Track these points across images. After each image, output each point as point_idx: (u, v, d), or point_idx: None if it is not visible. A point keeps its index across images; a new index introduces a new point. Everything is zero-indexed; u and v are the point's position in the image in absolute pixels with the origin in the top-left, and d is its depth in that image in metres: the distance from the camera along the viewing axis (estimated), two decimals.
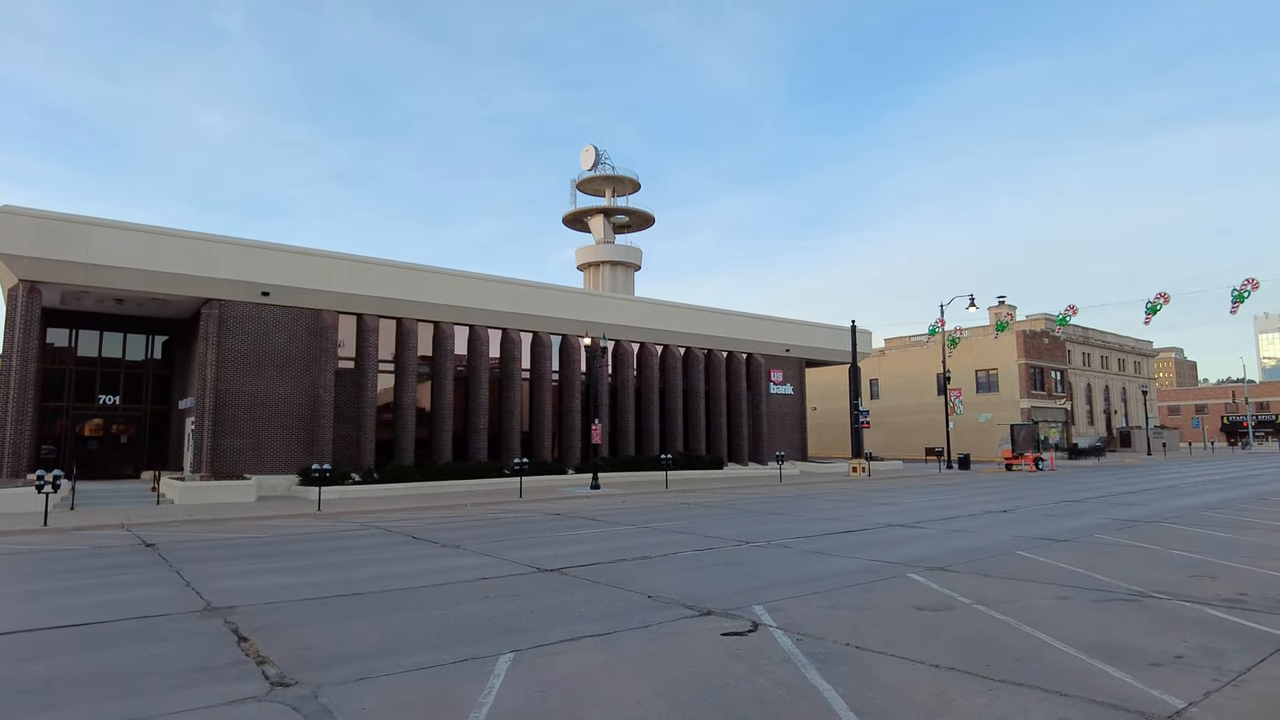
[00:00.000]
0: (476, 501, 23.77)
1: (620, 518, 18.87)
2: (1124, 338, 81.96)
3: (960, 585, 9.85)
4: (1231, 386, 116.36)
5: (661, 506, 22.20)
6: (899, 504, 22.22)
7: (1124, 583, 9.87)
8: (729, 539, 14.65)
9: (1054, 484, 30.59)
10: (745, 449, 40.69)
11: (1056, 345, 62.37)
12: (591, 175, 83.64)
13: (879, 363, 66.82)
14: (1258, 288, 26.09)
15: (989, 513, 19.26)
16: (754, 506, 21.77)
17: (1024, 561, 11.70)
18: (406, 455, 29.77)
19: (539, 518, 19.21)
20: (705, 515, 19.42)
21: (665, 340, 38.37)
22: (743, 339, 41.23)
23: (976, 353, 60.35)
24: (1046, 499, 23.25)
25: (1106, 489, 27.15)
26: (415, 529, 17.08)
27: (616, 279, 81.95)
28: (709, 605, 8.90)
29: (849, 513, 19.66)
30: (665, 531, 15.96)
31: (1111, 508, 20.19)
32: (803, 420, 44.39)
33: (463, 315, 31.53)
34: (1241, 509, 19.37)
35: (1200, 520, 16.91)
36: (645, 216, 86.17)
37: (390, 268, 29.70)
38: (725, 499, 24.73)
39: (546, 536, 15.47)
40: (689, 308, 40.05)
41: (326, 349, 28.43)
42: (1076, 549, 12.93)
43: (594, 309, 35.19)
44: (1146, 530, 15.34)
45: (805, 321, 44.71)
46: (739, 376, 41.20)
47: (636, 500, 24.72)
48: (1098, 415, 73.82)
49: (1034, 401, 57.56)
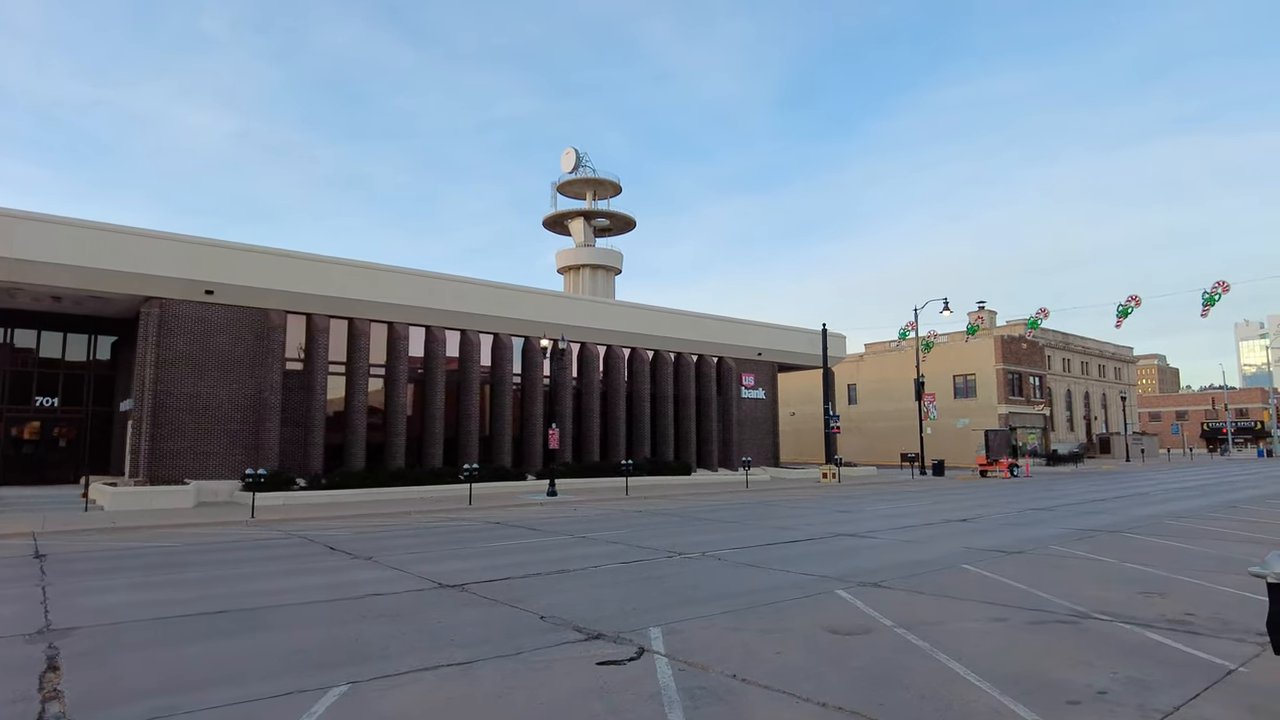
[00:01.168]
0: (423, 509, 22.78)
1: (562, 527, 17.95)
2: (1104, 343, 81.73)
3: (888, 604, 9.00)
4: (1212, 393, 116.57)
5: (612, 514, 21.29)
6: (859, 511, 21.40)
7: (1067, 601, 9.05)
8: (663, 550, 13.76)
9: (1025, 491, 29.88)
10: (715, 454, 39.82)
11: (1035, 350, 61.92)
12: (572, 178, 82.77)
13: (858, 368, 66.17)
14: (1228, 290, 25.52)
15: (948, 521, 18.46)
16: (707, 514, 20.90)
17: (967, 576, 10.87)
18: (357, 460, 28.73)
19: (477, 526, 18.26)
20: (651, 524, 18.53)
21: (633, 343, 37.49)
22: (714, 342, 40.41)
23: (954, 358, 59.80)
24: (1013, 507, 22.50)
25: (1076, 496, 26.44)
26: (339, 539, 16.10)
27: (597, 282, 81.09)
28: (603, 627, 8.01)
29: (803, 521, 18.81)
30: (600, 542, 15.05)
31: (1076, 516, 19.44)
32: (774, 425, 43.57)
33: (419, 316, 30.54)
34: (1208, 518, 18.66)
35: (1164, 530, 16.16)
36: (626, 220, 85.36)
37: (341, 266, 28.70)
38: (682, 506, 23.84)
39: (473, 548, 14.54)
40: (658, 310, 39.19)
41: (273, 349, 27.38)
42: (1027, 562, 12.12)
43: (559, 310, 34.28)
44: (1106, 541, 14.57)
45: (778, 325, 43.95)
46: (709, 380, 40.37)
47: (591, 507, 23.80)
48: (1078, 421, 73.45)
49: (1012, 407, 57.02)
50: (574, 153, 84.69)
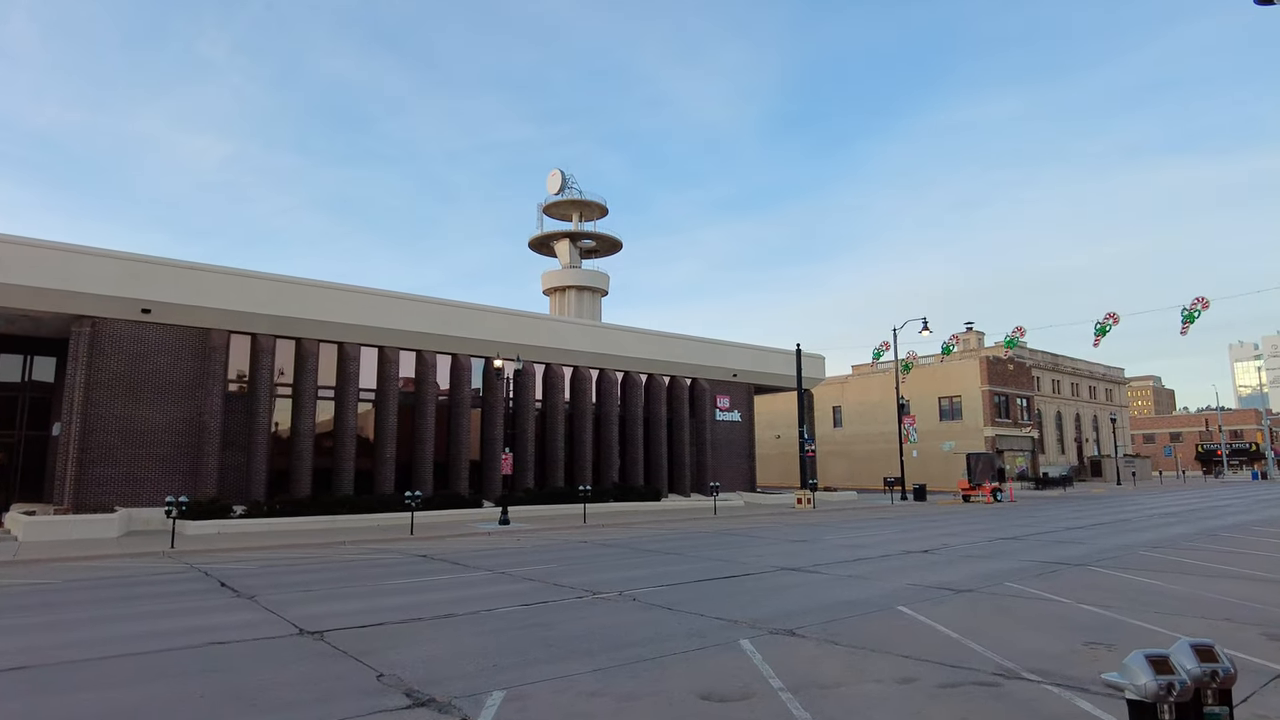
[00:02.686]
0: (360, 539, 21.49)
1: (490, 560, 16.69)
2: (1095, 365, 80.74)
3: (790, 659, 7.79)
4: (1206, 415, 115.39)
5: (555, 545, 20.02)
6: (818, 541, 20.15)
7: (997, 655, 7.84)
8: (578, 588, 12.52)
9: (1003, 518, 28.64)
10: (688, 479, 38.53)
11: (1023, 372, 60.85)
12: (558, 199, 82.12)
13: (843, 390, 65.04)
14: (1208, 307, 24.50)
15: (908, 553, 17.22)
16: (656, 544, 19.63)
17: (897, 621, 9.66)
18: (303, 487, 27.43)
19: (401, 560, 17.00)
20: (588, 556, 17.27)
21: (602, 364, 36.35)
22: (687, 363, 39.28)
23: (940, 380, 58.73)
24: (984, 535, 21.26)
25: (1054, 524, 25.20)
26: (240, 573, 14.82)
27: (583, 304, 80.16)
28: (441, 689, 6.79)
29: (752, 553, 17.57)
30: (517, 579, 13.80)
31: (1046, 547, 18.21)
32: (751, 449, 42.32)
33: (371, 335, 29.40)
34: (1185, 548, 17.44)
35: (1134, 562, 14.94)
36: (613, 241, 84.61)
37: (286, 284, 27.58)
38: (636, 535, 22.57)
39: (375, 585, 13.28)
40: (627, 330, 38.10)
41: (214, 371, 26.20)
42: (972, 603, 10.90)
43: (522, 330, 33.15)
44: (1069, 576, 13.35)
45: (754, 345, 42.86)
46: (682, 402, 39.17)
47: (539, 537, 22.53)
48: (1069, 443, 72.22)
49: (999, 430, 55.82)
50: (559, 174, 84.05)
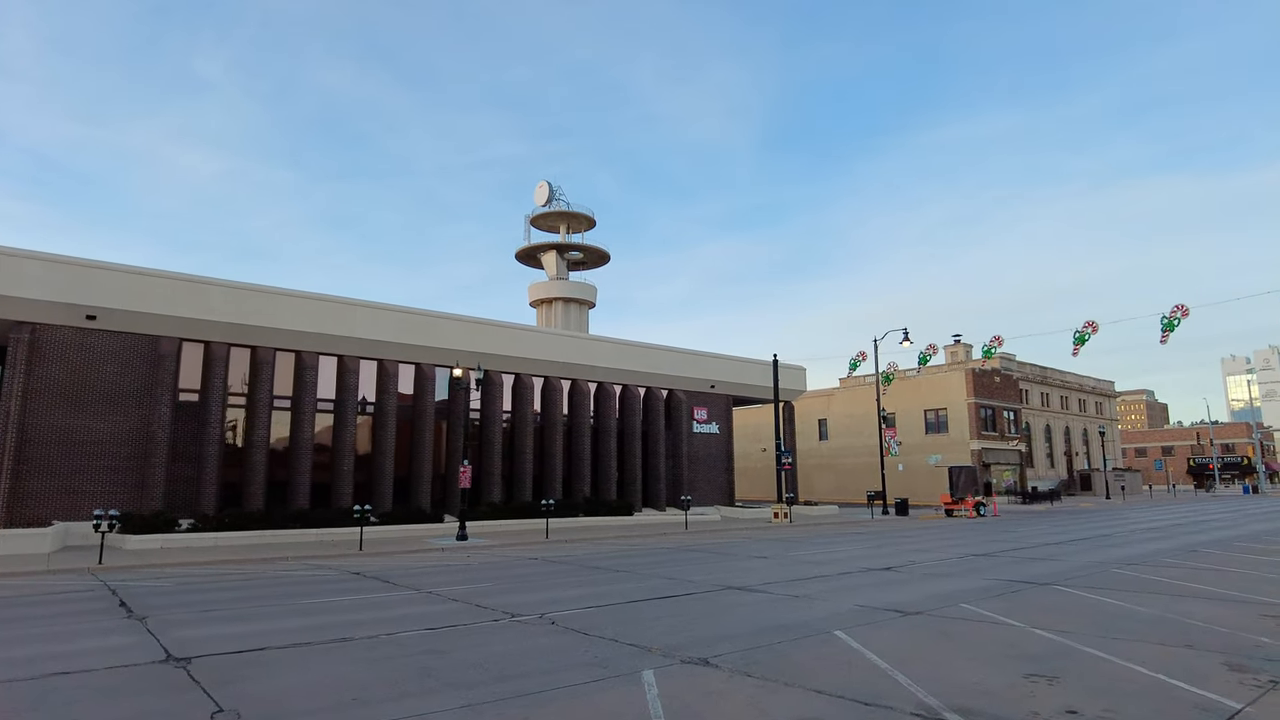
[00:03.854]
0: (305, 555, 20.53)
1: (424, 579, 15.75)
2: (1085, 377, 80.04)
3: (687, 695, 6.90)
4: (1198, 428, 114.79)
5: (502, 563, 19.08)
6: (779, 557, 19.24)
7: (923, 689, 6.95)
8: (501, 610, 11.61)
9: (981, 533, 27.76)
10: (663, 492, 37.57)
11: (1010, 384, 60.09)
12: (545, 211, 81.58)
13: (828, 403, 64.24)
14: (1187, 314, 23.76)
15: (869, 570, 16.32)
16: (609, 562, 18.71)
17: (828, 648, 8.76)
18: (255, 500, 26.46)
19: (333, 577, 16.05)
20: (530, 575, 16.35)
21: (576, 375, 35.49)
22: (664, 374, 38.43)
23: (925, 392, 57.94)
24: (956, 552, 20.37)
25: (1032, 539, 24.33)
26: (151, 590, 13.86)
27: (570, 316, 79.48)
28: None
29: (706, 569, 16.66)
30: (441, 600, 12.87)
31: (1017, 564, 17.34)
32: (729, 461, 41.41)
33: (330, 344, 28.51)
34: (1160, 565, 16.57)
35: (1104, 581, 14.07)
36: (600, 253, 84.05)
37: (240, 290, 26.70)
38: (594, 551, 21.64)
39: (289, 604, 12.35)
40: (603, 340, 37.27)
41: (164, 380, 25.27)
42: (918, 627, 10.02)
43: (489, 339, 32.28)
44: (1031, 597, 12.47)
45: (733, 356, 42.03)
46: (658, 414, 38.29)
47: (495, 553, 21.58)
48: (1058, 457, 71.38)
49: (985, 443, 54.98)
50: (547, 186, 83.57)
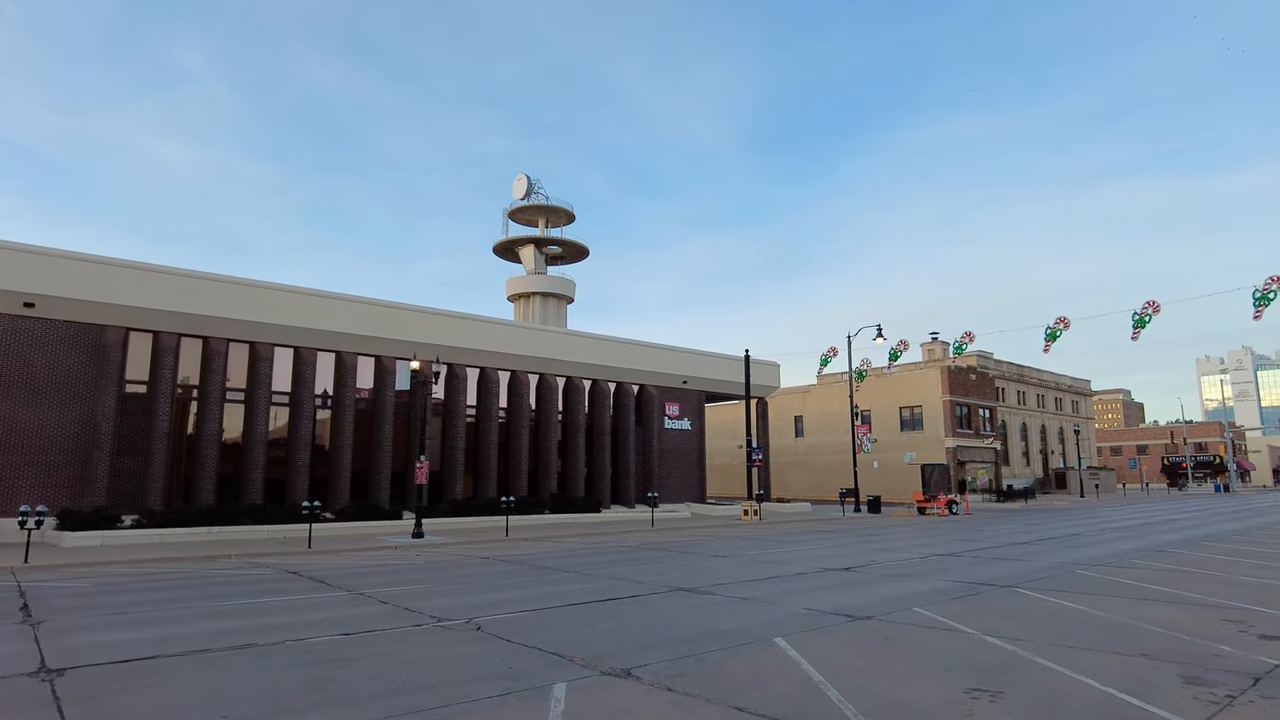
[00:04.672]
0: (250, 552, 19.73)
1: (362, 579, 15.03)
2: (1061, 376, 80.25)
3: (594, 712, 6.26)
4: (1172, 427, 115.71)
5: (450, 562, 18.38)
6: (738, 556, 18.67)
7: (853, 706, 6.36)
8: (429, 613, 10.93)
9: (951, 531, 27.37)
10: (633, 489, 36.95)
11: (985, 382, 59.99)
12: (523, 204, 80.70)
13: (804, 400, 63.90)
14: (1159, 311, 23.44)
15: (827, 570, 15.78)
16: (561, 562, 18.07)
17: (763, 658, 8.16)
18: (206, 495, 25.57)
19: (268, 577, 15.30)
20: (474, 575, 15.68)
21: (544, 369, 34.75)
22: (635, 369, 37.78)
23: (901, 389, 57.72)
24: (920, 551, 19.89)
25: (1000, 538, 23.93)
26: (65, 592, 13.06)
27: (548, 311, 78.72)
28: None
29: (660, 569, 16.05)
30: (371, 602, 12.17)
31: (981, 564, 16.86)
32: (701, 458, 40.86)
33: (286, 335, 27.62)
34: (1126, 566, 16.15)
35: (1067, 583, 13.59)
36: (579, 248, 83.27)
37: (190, 278, 25.76)
38: (550, 550, 20.99)
39: (208, 606, 11.61)
40: (572, 334, 36.59)
41: (109, 370, 24.33)
42: (863, 633, 9.45)
43: (453, 332, 31.47)
44: (989, 600, 11.95)
45: (706, 352, 41.46)
46: (628, 410, 37.65)
47: (448, 552, 20.86)
48: (1034, 455, 71.50)
49: (960, 440, 54.81)
50: (525, 179, 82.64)
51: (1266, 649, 8.46)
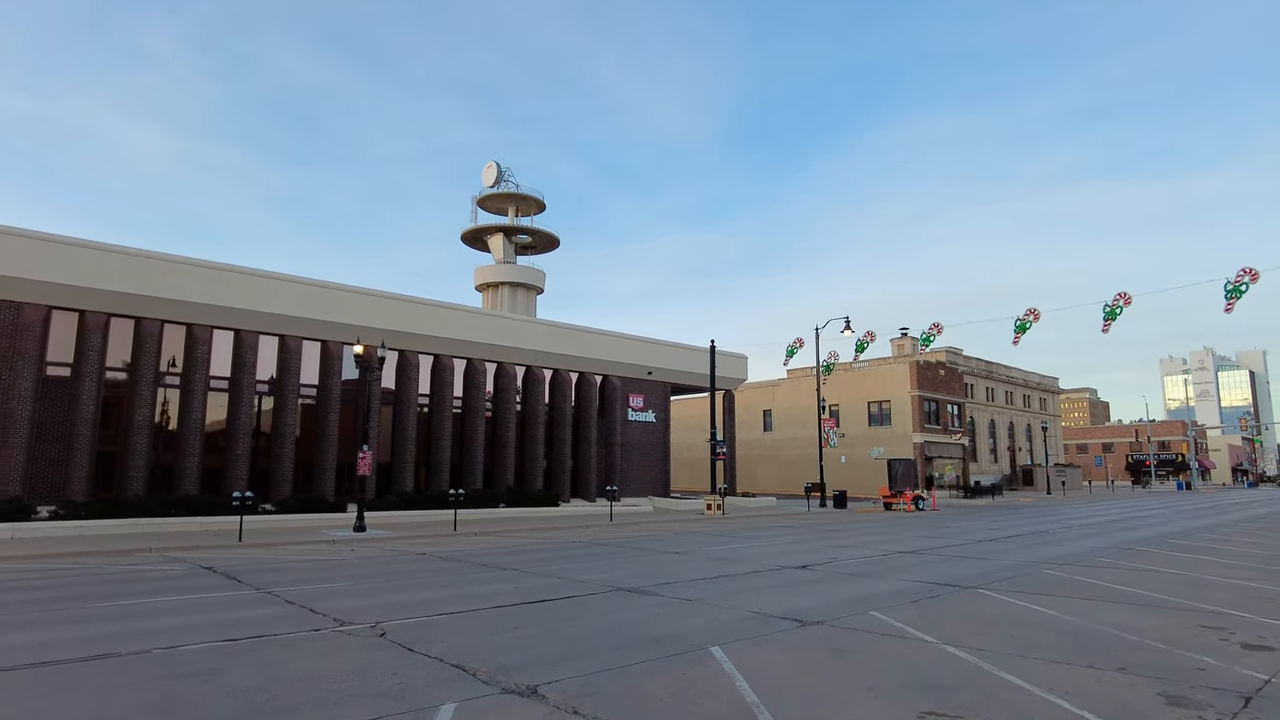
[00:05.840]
0: (174, 545, 18.40)
1: (281, 576, 13.85)
2: (1030, 373, 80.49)
3: None
4: (1136, 426, 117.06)
5: (385, 559, 17.22)
6: (692, 552, 17.72)
7: None
8: (334, 616, 9.81)
9: (916, 528, 26.68)
10: (594, 483, 35.90)
11: (954, 378, 59.70)
12: (493, 192, 79.18)
13: (773, 394, 63.27)
14: (1130, 303, 22.89)
15: (783, 568, 14.87)
16: (502, 559, 17.00)
17: (696, 670, 7.17)
18: (135, 485, 24.11)
19: (179, 573, 14.08)
20: (403, 573, 14.57)
21: (502, 358, 33.55)
22: (598, 359, 36.71)
23: (870, 384, 57.24)
24: (883, 549, 19.08)
25: (966, 535, 23.24)
26: None
27: (516, 301, 77.34)
28: None
29: (606, 566, 15.04)
30: (277, 602, 11.03)
31: (945, 563, 16.05)
32: (665, 451, 39.91)
33: (226, 317, 26.17)
34: (1094, 565, 15.42)
35: (1033, 584, 12.78)
36: (549, 238, 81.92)
37: (120, 255, 24.25)
38: (496, 546, 19.91)
39: (83, 609, 10.41)
40: (532, 322, 35.44)
41: (26, 351, 22.77)
42: (811, 641, 8.50)
43: (407, 317, 30.16)
44: (951, 603, 11.09)
45: (673, 343, 40.50)
46: (591, 401, 36.58)
47: (388, 547, 19.68)
48: (1001, 452, 71.55)
49: (928, 436, 54.43)
50: (495, 166, 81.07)
51: (1252, 661, 7.64)
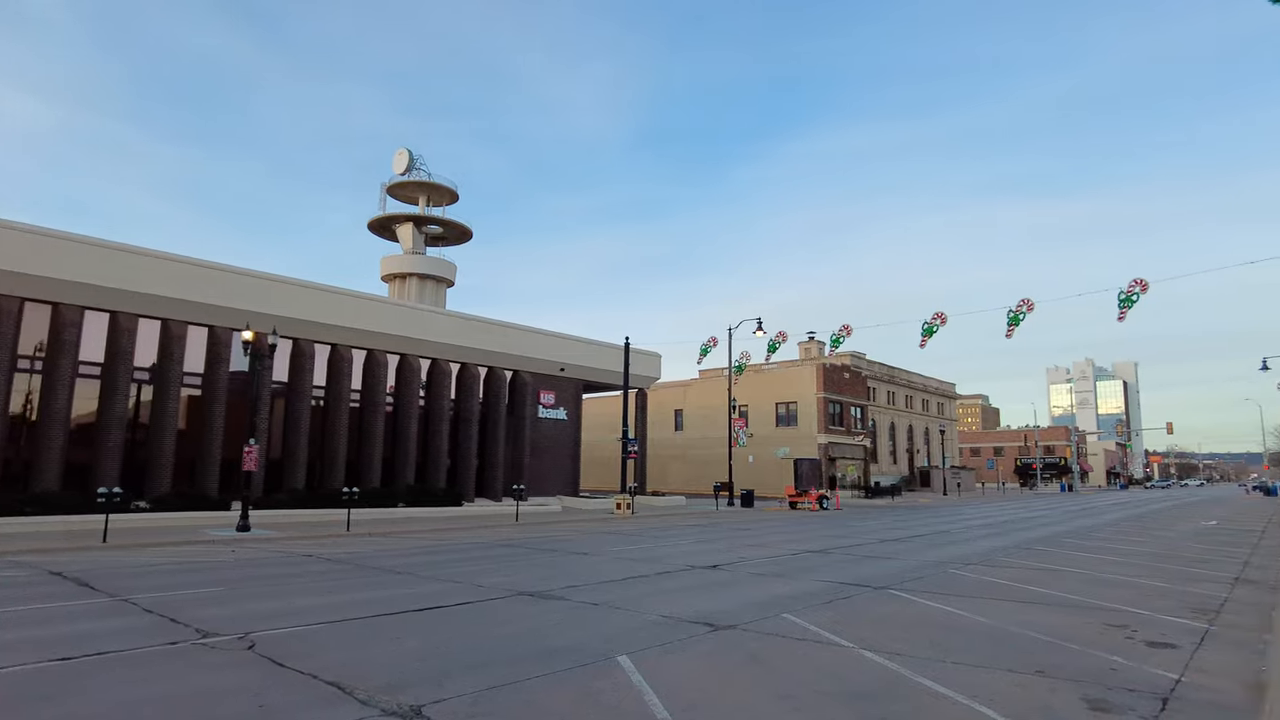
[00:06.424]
0: (29, 547, 16.57)
1: (143, 581, 12.54)
2: (929, 379, 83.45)
3: None
4: (1025, 431, 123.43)
5: (267, 561, 15.96)
6: (600, 554, 17.16)
7: None
8: (198, 626, 8.76)
9: (822, 527, 26.89)
10: (500, 481, 34.86)
11: (858, 381, 61.20)
12: (404, 180, 76.54)
13: (685, 393, 63.42)
14: (1033, 309, 23.70)
15: (693, 568, 14.46)
16: (398, 561, 16.01)
17: (599, 683, 6.58)
18: None
19: (19, 580, 12.54)
20: (286, 576, 13.45)
21: (406, 350, 32.13)
22: (509, 354, 35.67)
23: (779, 386, 58.04)
24: (791, 548, 18.96)
25: (870, 535, 23.49)
26: None
27: (425, 294, 74.97)
28: None
29: (509, 568, 14.29)
30: (133, 611, 9.86)
31: (854, 562, 15.99)
32: (576, 449, 39.22)
33: (100, 298, 24.01)
34: (998, 564, 15.65)
35: (943, 584, 12.77)
36: (462, 229, 79.85)
37: None
38: (392, 548, 18.83)
39: None
40: (440, 313, 34.18)
41: None
42: (725, 648, 8.04)
43: (303, 304, 28.43)
44: (864, 604, 10.87)
45: (585, 339, 39.83)
46: (499, 397, 35.53)
47: (273, 548, 18.31)
48: (901, 454, 73.85)
49: (832, 437, 55.57)
50: (407, 153, 78.49)
51: (1159, 659, 7.63)
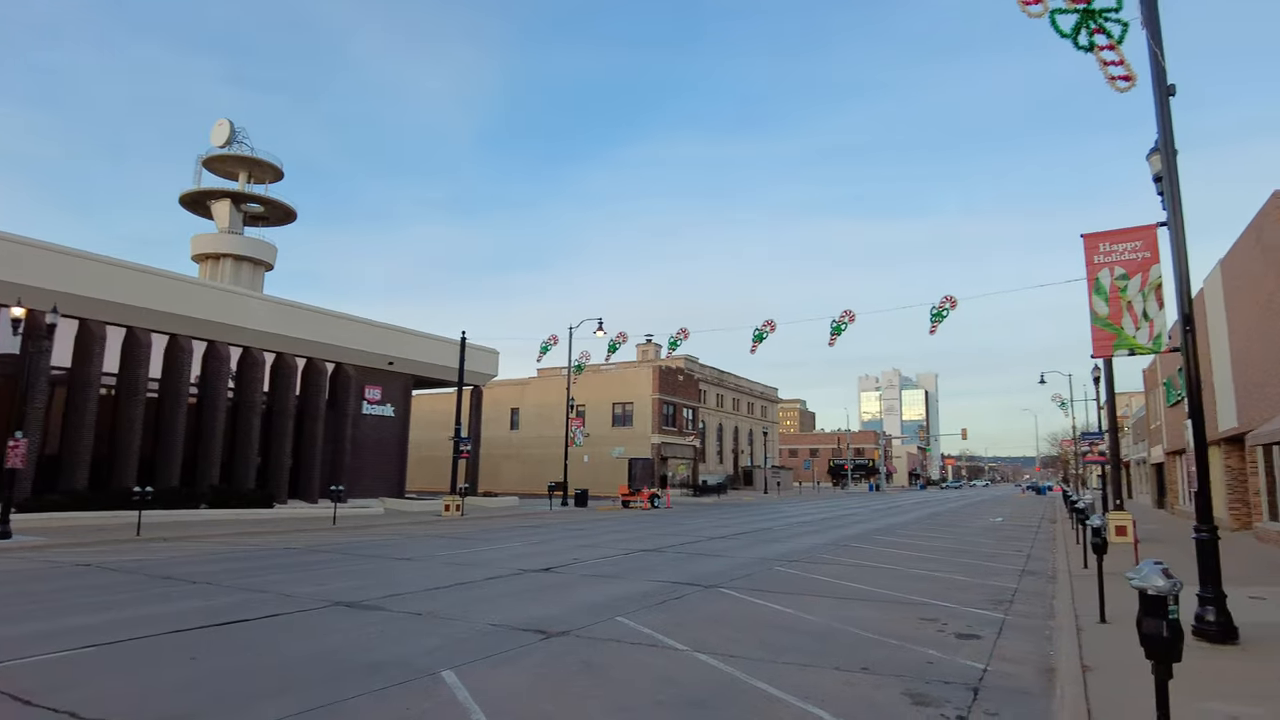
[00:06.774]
0: None
1: None
2: (755, 383, 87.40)
3: None
4: (838, 434, 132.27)
5: (30, 573, 13.90)
6: (428, 559, 16.34)
7: None
8: None
9: (654, 525, 27.21)
10: (317, 482, 32.63)
11: (691, 383, 62.93)
12: (224, 153, 70.52)
13: (522, 392, 62.61)
14: (853, 320, 25.19)
15: (525, 571, 14.03)
16: (192, 569, 14.44)
17: (423, 705, 6.06)
18: None
19: None
20: (47, 593, 11.75)
21: (213, 335, 29.28)
22: (332, 344, 33.44)
23: (616, 386, 58.59)
24: (624, 547, 18.94)
25: (700, 532, 23.99)
26: None
27: (240, 276, 69.32)
28: None
29: (319, 579, 13.24)
30: None
31: (685, 560, 16.17)
32: (403, 448, 37.51)
33: None
34: (819, 562, 16.36)
35: (769, 582, 13.12)
36: (285, 209, 74.70)
37: None
38: (188, 554, 17.00)
39: None
40: (253, 297, 31.53)
41: None
42: (558, 655, 7.72)
43: (91, 280, 25.13)
44: (696, 604, 10.91)
45: (417, 332, 38.16)
46: (319, 391, 33.25)
47: (40, 556, 15.99)
48: (726, 454, 76.80)
49: (665, 437, 56.77)
50: (228, 124, 72.50)
51: (967, 650, 8.12)
